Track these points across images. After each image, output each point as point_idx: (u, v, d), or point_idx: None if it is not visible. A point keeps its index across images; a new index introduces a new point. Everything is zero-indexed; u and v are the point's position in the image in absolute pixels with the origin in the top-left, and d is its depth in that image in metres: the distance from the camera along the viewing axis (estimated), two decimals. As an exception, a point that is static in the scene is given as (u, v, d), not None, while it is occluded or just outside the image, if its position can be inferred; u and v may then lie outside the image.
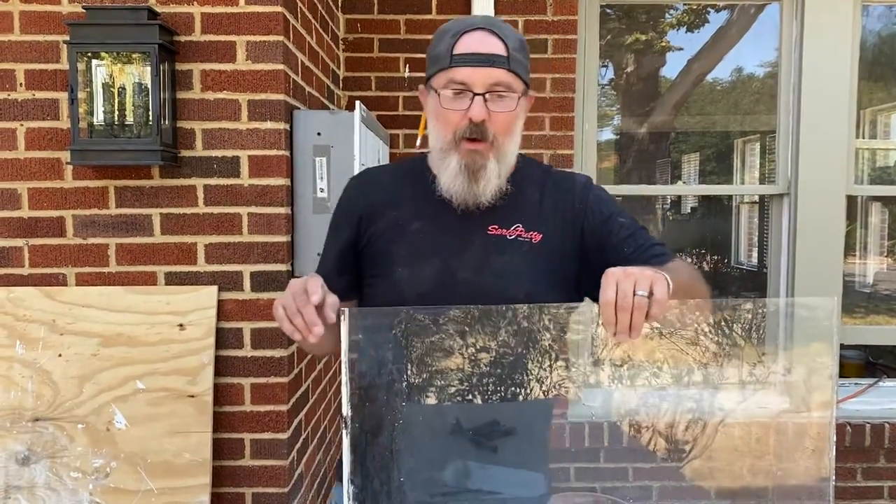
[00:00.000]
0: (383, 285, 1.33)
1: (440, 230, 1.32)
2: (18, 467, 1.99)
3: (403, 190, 1.38)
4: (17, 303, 2.03)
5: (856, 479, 2.78)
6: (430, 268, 1.30)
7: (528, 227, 1.32)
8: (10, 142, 2.03)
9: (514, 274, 1.30)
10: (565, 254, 1.35)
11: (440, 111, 1.26)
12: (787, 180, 2.86)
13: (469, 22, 1.28)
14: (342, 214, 1.43)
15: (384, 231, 1.35)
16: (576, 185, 1.40)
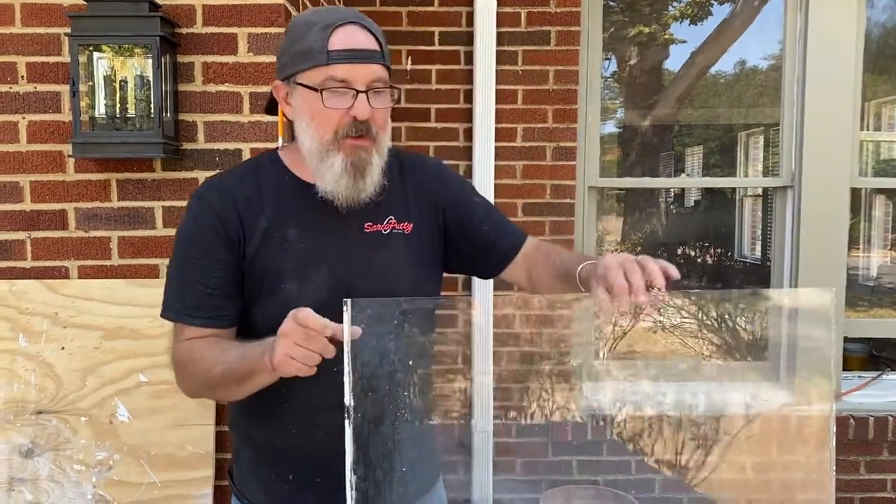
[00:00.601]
0: (272, 304, 1.24)
1: (318, 235, 1.27)
2: (22, 460, 2.00)
3: (264, 194, 1.27)
4: (19, 296, 2.03)
5: (859, 471, 2.78)
6: (319, 278, 1.25)
7: (399, 219, 1.31)
8: (12, 135, 2.02)
9: (396, 270, 1.30)
10: (433, 238, 1.36)
11: (319, 110, 1.19)
12: (790, 173, 2.85)
13: (337, 15, 1.21)
14: (211, 228, 1.25)
15: (260, 245, 1.25)
16: (430, 169, 1.40)
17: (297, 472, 1.28)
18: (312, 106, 1.20)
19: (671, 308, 4.36)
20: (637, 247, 4.53)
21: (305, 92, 1.20)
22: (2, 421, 1.99)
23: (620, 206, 4.75)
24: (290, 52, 1.22)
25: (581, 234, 2.84)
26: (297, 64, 1.21)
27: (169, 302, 1.29)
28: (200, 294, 1.24)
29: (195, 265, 1.25)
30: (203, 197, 1.28)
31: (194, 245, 1.26)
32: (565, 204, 2.73)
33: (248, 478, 1.37)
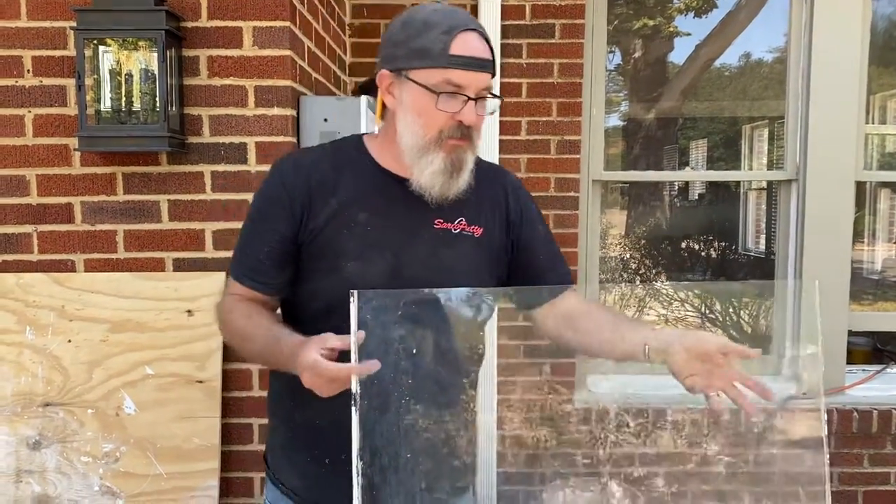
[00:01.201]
0: (331, 280, 1.28)
1: (388, 222, 1.30)
2: (30, 452, 2.01)
3: (341, 175, 1.31)
4: (26, 289, 2.04)
5: (862, 464, 2.79)
6: (382, 262, 1.28)
7: (469, 222, 1.34)
8: (19, 128, 2.03)
9: (461, 270, 1.33)
10: (500, 248, 1.39)
11: (429, 109, 1.22)
12: (795, 166, 2.85)
13: (459, 19, 1.23)
14: (276, 202, 1.31)
15: (327, 221, 1.28)
16: (507, 182, 1.43)
17: (333, 454, 1.29)
18: (421, 104, 1.22)
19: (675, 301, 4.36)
20: (641, 240, 4.53)
21: (417, 89, 1.22)
22: (9, 413, 2.01)
23: (624, 199, 4.75)
24: (406, 47, 1.23)
25: (585, 228, 2.84)
26: (412, 60, 1.22)
27: (233, 259, 1.37)
28: (254, 259, 1.32)
29: (256, 231, 1.33)
30: (279, 168, 1.34)
31: (259, 213, 1.34)
32: (569, 197, 2.72)
33: (282, 462, 1.39)
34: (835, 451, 2.78)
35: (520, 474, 2.77)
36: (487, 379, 2.61)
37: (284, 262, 1.31)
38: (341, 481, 1.29)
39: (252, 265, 1.32)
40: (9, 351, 2.02)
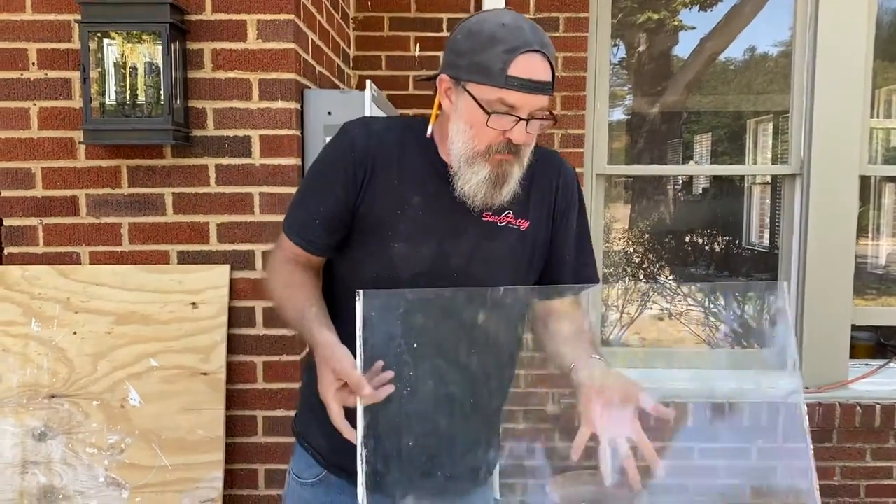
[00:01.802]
0: (377, 257, 1.31)
1: (439, 209, 1.31)
2: (35, 443, 2.02)
3: (405, 153, 1.32)
4: (31, 281, 2.05)
5: (865, 459, 2.79)
6: (428, 249, 1.30)
7: (517, 215, 1.34)
8: (24, 121, 2.04)
9: (501, 263, 1.34)
10: (545, 239, 1.40)
11: (480, 124, 1.22)
12: (799, 160, 2.84)
13: (523, 38, 1.20)
14: (340, 165, 1.31)
15: (383, 195, 1.30)
16: (561, 172, 1.43)
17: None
18: (474, 117, 1.22)
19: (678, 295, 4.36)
20: (644, 234, 4.53)
21: (472, 103, 1.22)
22: (15, 405, 2.02)
23: (628, 193, 4.74)
24: (468, 58, 1.23)
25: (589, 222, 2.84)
26: (471, 74, 1.22)
27: (288, 213, 1.39)
28: (307, 217, 1.33)
29: (315, 190, 1.35)
30: (349, 131, 1.33)
31: (321, 172, 1.35)
32: (573, 191, 2.72)
33: (311, 423, 1.41)
34: (837, 446, 2.78)
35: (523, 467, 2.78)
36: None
37: (336, 226, 1.32)
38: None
39: (303, 222, 1.34)
40: (14, 343, 2.03)
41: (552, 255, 1.41)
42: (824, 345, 2.83)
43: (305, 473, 1.44)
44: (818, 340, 2.83)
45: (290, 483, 1.48)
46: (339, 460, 1.37)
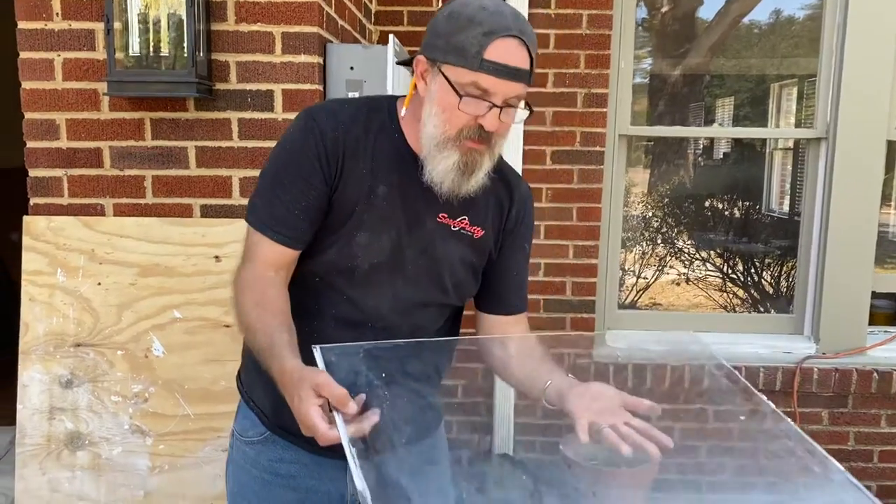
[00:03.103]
0: (339, 247, 1.28)
1: (401, 200, 1.29)
2: (62, 390, 2.07)
3: (373, 141, 1.29)
4: (57, 232, 2.07)
5: (880, 424, 2.80)
6: (388, 240, 1.28)
7: (472, 222, 1.34)
8: (48, 72, 2.04)
9: (449, 264, 1.34)
10: (492, 248, 1.40)
11: (452, 107, 1.20)
12: (825, 124, 2.80)
13: (504, 24, 1.18)
14: (312, 154, 1.26)
15: (353, 184, 1.26)
16: (519, 190, 1.42)
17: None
18: (447, 100, 1.20)
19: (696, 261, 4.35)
20: (664, 198, 4.50)
21: (446, 85, 1.20)
22: (42, 352, 2.06)
23: (648, 158, 4.70)
24: (445, 40, 1.20)
25: (609, 184, 2.82)
26: (447, 55, 1.19)
27: (256, 208, 1.29)
28: (288, 212, 1.26)
29: (290, 184, 1.27)
30: (317, 119, 1.27)
31: (294, 164, 1.27)
32: (595, 152, 2.71)
33: (255, 383, 1.40)
34: (852, 411, 2.79)
35: (537, 426, 2.81)
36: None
37: (317, 219, 1.27)
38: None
39: (282, 218, 1.26)
40: (41, 292, 2.06)
41: (499, 268, 1.41)
42: (843, 311, 2.82)
43: (250, 432, 1.41)
44: (837, 307, 2.82)
45: (233, 442, 1.45)
46: (281, 421, 1.35)
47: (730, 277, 4.25)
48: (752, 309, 4.19)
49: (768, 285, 4.13)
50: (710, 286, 4.33)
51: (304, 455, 1.37)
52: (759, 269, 4.17)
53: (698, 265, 4.33)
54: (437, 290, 1.34)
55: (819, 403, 2.80)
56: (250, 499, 1.40)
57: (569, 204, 2.73)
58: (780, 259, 4.03)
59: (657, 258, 4.40)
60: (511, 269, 1.43)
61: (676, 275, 4.42)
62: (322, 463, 1.36)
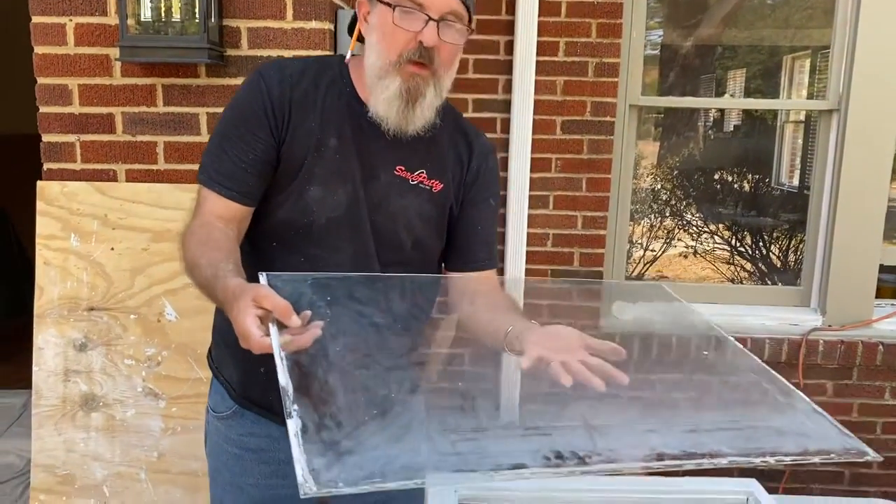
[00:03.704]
0: (293, 202, 1.27)
1: (354, 154, 1.27)
2: (76, 353, 2.10)
3: (323, 95, 1.28)
4: (70, 197, 2.09)
5: (884, 397, 2.82)
6: (343, 193, 1.27)
7: (430, 175, 1.32)
8: (60, 37, 2.04)
9: (406, 220, 1.32)
10: (453, 203, 1.38)
11: (389, 28, 1.19)
12: (838, 95, 2.78)
13: None
14: (259, 110, 1.25)
15: (302, 138, 1.26)
16: (478, 143, 1.40)
17: (270, 362, 1.31)
18: (384, 24, 1.20)
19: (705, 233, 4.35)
20: (673, 171, 4.49)
21: (381, 8, 1.20)
22: (56, 316, 2.09)
23: (658, 130, 4.68)
24: None
25: (619, 155, 2.82)
26: None
27: (204, 165, 1.30)
28: (235, 166, 1.25)
29: (238, 138, 1.26)
30: (263, 76, 1.27)
31: (241, 119, 1.27)
32: (605, 122, 2.70)
33: (226, 357, 1.41)
34: (857, 383, 2.81)
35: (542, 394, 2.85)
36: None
37: (267, 171, 1.27)
38: (275, 386, 1.32)
39: (229, 172, 1.25)
40: (55, 256, 2.08)
41: (463, 223, 1.40)
42: (851, 284, 2.82)
43: (220, 407, 1.42)
44: (845, 280, 2.82)
45: (207, 418, 1.47)
46: (248, 394, 1.36)
47: (738, 251, 4.25)
48: (759, 282, 4.21)
49: (776, 258, 4.13)
50: (717, 259, 4.34)
51: (273, 428, 1.36)
52: (767, 242, 4.17)
53: (706, 238, 4.34)
54: (395, 246, 1.33)
55: (824, 375, 2.82)
56: (224, 473, 1.42)
57: (578, 174, 2.73)
58: (789, 232, 4.04)
59: (665, 231, 4.41)
60: (475, 224, 1.41)
61: (684, 247, 4.43)
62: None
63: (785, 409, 1.08)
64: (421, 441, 0.83)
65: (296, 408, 0.83)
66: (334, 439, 0.80)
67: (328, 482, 0.72)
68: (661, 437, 0.90)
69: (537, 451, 0.81)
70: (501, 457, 0.80)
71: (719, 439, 0.90)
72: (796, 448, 0.91)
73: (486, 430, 0.90)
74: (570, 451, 0.82)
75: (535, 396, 1.08)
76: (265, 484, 1.39)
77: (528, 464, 0.79)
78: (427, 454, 0.81)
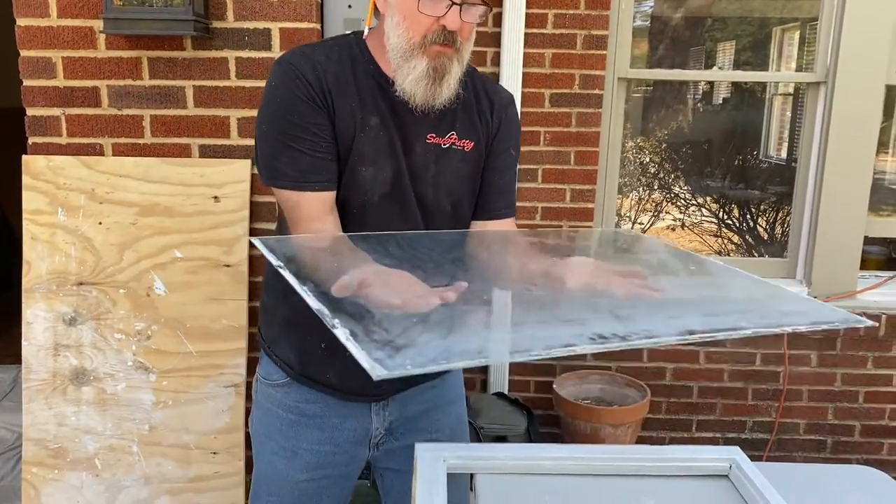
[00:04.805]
0: (347, 183, 1.27)
1: (392, 129, 1.29)
2: (66, 327, 2.10)
3: (352, 77, 1.27)
4: (56, 171, 2.08)
5: (866, 366, 2.86)
6: (390, 169, 1.28)
7: (461, 136, 1.34)
8: (42, 9, 2.02)
9: (446, 184, 1.34)
10: (483, 159, 1.40)
11: (411, 12, 1.19)
12: (825, 68, 2.79)
13: None
14: (305, 98, 1.23)
15: (346, 120, 1.26)
16: (499, 97, 1.42)
17: (330, 339, 1.34)
18: (406, 6, 1.20)
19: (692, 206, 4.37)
20: (661, 144, 4.50)
21: None
22: (45, 290, 2.09)
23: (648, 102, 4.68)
24: None
25: (608, 127, 2.82)
26: None
27: (278, 170, 1.26)
28: (314, 158, 1.24)
29: (302, 130, 1.23)
30: (294, 64, 1.25)
31: (294, 111, 1.24)
32: (593, 95, 2.69)
33: (280, 336, 1.42)
34: (840, 353, 2.85)
35: (533, 366, 2.88)
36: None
37: (336, 155, 1.26)
38: (334, 361, 1.33)
39: (309, 166, 1.24)
40: (42, 231, 2.08)
41: (486, 173, 1.41)
42: (836, 256, 2.85)
43: (275, 376, 1.42)
44: (830, 251, 2.85)
45: (258, 387, 1.46)
46: (305, 370, 1.38)
47: (725, 223, 4.28)
48: (746, 254, 4.24)
49: (763, 231, 4.16)
50: (705, 232, 4.36)
51: (329, 397, 1.39)
52: (754, 214, 4.20)
53: (694, 211, 4.36)
54: (440, 214, 1.35)
55: (808, 345, 2.86)
56: (277, 439, 1.42)
57: (567, 147, 2.73)
58: (776, 205, 4.06)
59: (654, 204, 4.42)
60: (496, 173, 1.42)
61: (672, 220, 4.45)
62: (347, 404, 1.40)
63: (781, 297, 1.16)
64: (470, 334, 0.84)
65: (337, 321, 0.82)
66: (386, 339, 0.80)
67: (395, 366, 0.72)
68: (684, 320, 0.95)
69: (580, 334, 0.84)
70: (549, 340, 0.81)
71: (736, 319, 0.96)
72: (804, 321, 0.98)
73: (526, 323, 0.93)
74: (610, 333, 0.85)
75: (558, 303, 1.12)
76: (319, 450, 1.41)
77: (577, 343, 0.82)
78: (481, 341, 0.82)
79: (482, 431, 2.49)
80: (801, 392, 2.89)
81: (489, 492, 1.15)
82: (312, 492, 1.43)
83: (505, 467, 1.20)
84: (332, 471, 1.43)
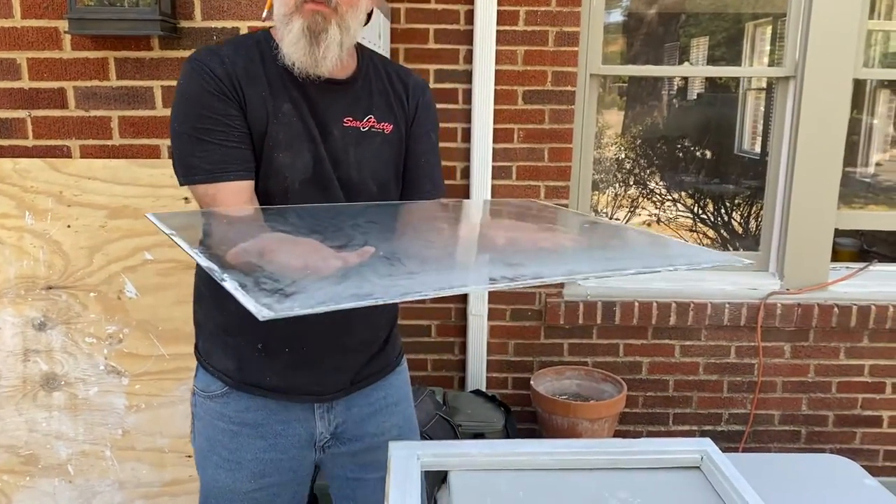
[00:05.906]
0: (265, 170, 1.27)
1: (307, 114, 1.29)
2: (35, 332, 2.08)
3: (260, 67, 1.28)
4: (23, 174, 2.05)
5: (839, 357, 2.90)
6: (308, 154, 1.29)
7: (379, 118, 1.35)
8: (6, 10, 1.99)
9: (370, 168, 1.35)
10: (403, 143, 1.41)
11: None
12: (794, 62, 2.82)
13: None
14: (216, 95, 1.23)
15: (257, 108, 1.26)
16: (413, 82, 1.44)
17: (265, 339, 1.34)
18: None
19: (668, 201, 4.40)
20: (636, 140, 4.52)
21: None
22: (13, 295, 2.06)
23: (622, 100, 4.70)
24: None
25: (581, 124, 2.83)
26: None
27: (193, 166, 1.24)
28: (228, 149, 1.23)
29: (212, 123, 1.23)
30: (202, 61, 1.25)
31: (204, 106, 1.23)
32: (566, 92, 2.70)
33: (214, 347, 1.41)
34: (813, 345, 2.88)
35: (510, 363, 2.88)
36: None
37: (250, 143, 1.26)
38: (273, 362, 1.34)
39: (224, 157, 1.24)
40: (9, 235, 2.05)
41: (409, 159, 1.43)
42: (807, 248, 2.89)
43: (212, 387, 1.41)
44: (801, 244, 2.88)
45: (196, 400, 1.45)
46: (244, 377, 1.37)
47: (700, 218, 4.31)
48: (720, 248, 4.27)
49: (737, 225, 4.20)
50: (680, 227, 4.40)
51: (270, 402, 1.38)
52: (728, 209, 4.23)
53: (669, 206, 4.39)
54: (364, 198, 1.35)
55: (782, 337, 2.89)
56: (220, 451, 1.40)
57: (540, 144, 2.74)
58: (750, 199, 4.10)
59: (629, 200, 4.45)
60: (418, 157, 1.44)
61: (648, 215, 4.48)
62: (289, 407, 1.39)
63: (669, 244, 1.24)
64: (363, 281, 0.83)
65: (226, 275, 0.80)
66: (276, 287, 0.78)
67: (283, 309, 0.70)
68: (576, 264, 1.02)
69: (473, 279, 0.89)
70: (442, 283, 0.82)
71: (626, 263, 1.01)
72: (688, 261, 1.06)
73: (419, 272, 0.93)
74: (499, 276, 0.88)
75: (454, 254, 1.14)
76: (263, 458, 1.40)
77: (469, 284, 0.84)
78: (373, 286, 0.80)
79: (460, 429, 2.49)
80: (775, 384, 2.93)
81: (463, 489, 1.15)
82: (264, 501, 1.42)
83: (479, 464, 1.21)
84: (279, 478, 1.41)
